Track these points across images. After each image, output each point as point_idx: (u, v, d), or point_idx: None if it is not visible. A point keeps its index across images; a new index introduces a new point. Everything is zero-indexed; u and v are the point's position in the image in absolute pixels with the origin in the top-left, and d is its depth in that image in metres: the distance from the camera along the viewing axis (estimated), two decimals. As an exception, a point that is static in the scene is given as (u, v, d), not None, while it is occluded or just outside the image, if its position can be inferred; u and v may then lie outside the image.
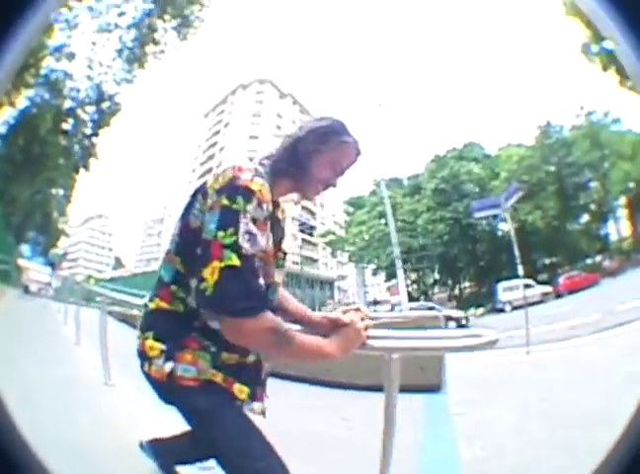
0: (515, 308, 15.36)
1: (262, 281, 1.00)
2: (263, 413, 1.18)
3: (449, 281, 24.74)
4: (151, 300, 1.15)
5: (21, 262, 9.22)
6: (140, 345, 1.12)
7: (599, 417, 2.34)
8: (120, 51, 12.95)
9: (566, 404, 3.04)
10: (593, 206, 20.96)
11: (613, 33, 0.68)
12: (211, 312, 0.99)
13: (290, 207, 1.31)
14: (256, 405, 1.16)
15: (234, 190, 0.99)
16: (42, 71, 12.56)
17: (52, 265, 14.37)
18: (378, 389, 1.47)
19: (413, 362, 4.42)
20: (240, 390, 1.11)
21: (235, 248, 0.95)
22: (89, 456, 1.91)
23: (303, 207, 25.40)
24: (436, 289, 25.00)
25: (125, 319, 6.02)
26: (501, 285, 18.01)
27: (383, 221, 22.31)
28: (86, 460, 1.86)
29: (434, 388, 4.23)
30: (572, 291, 16.49)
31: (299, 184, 1.18)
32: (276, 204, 1.16)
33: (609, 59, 10.73)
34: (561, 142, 20.66)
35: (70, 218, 19.61)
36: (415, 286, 24.39)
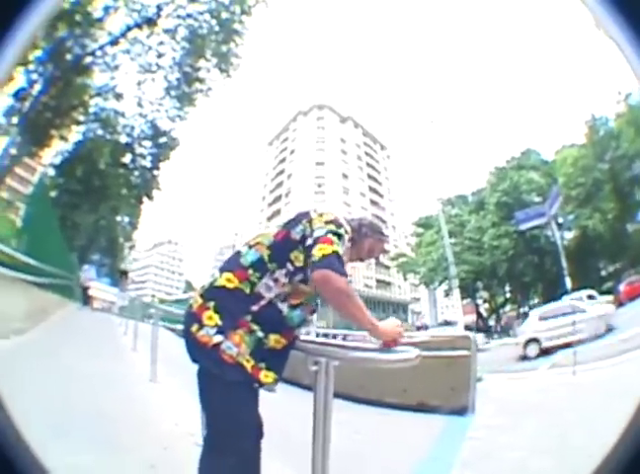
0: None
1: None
2: (275, 382, 1.44)
3: (519, 298, 23.48)
4: (219, 277, 1.45)
5: (86, 280, 10.23)
6: (197, 308, 1.42)
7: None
8: (167, 90, 13.42)
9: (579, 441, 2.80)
10: (649, 201, 18.86)
11: (618, 37, 0.70)
12: (318, 268, 1.33)
13: None
14: (270, 375, 1.42)
15: (339, 225, 1.47)
16: (92, 110, 13.23)
17: (117, 283, 15.70)
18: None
19: (444, 383, 4.40)
20: (266, 375, 1.39)
21: (337, 247, 1.38)
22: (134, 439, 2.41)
23: None
24: (507, 308, 23.82)
25: (176, 330, 6.68)
26: (565, 299, 16.69)
27: (453, 240, 21.92)
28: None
29: (461, 410, 4.16)
30: (633, 298, 14.92)
31: (352, 249, 1.63)
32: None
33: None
34: (609, 134, 18.92)
35: (137, 243, 20.80)
36: (486, 306, 23.52)
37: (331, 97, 29.12)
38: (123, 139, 13.61)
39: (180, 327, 1.56)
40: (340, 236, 1.42)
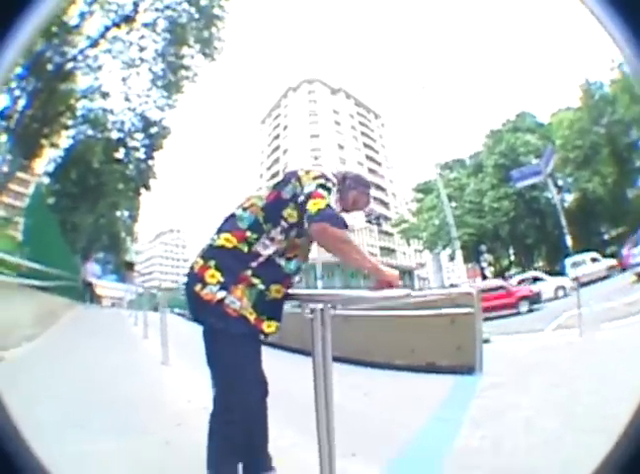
0: (583, 284, 14.18)
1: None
2: (277, 330, 1.54)
3: (524, 261, 23.54)
4: (217, 238, 1.52)
5: (88, 275, 10.21)
6: (199, 269, 1.49)
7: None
8: (153, 81, 13.37)
9: (588, 398, 2.83)
10: (647, 167, 18.75)
11: (618, 39, 0.70)
12: (315, 222, 1.41)
13: None
14: (272, 324, 1.52)
15: (327, 178, 1.53)
16: (79, 112, 13.25)
17: (124, 278, 15.76)
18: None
19: (450, 342, 4.45)
20: (268, 325, 1.49)
21: (328, 199, 1.45)
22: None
23: (375, 199, 25.47)
24: (512, 270, 23.91)
25: (184, 314, 6.79)
26: (568, 261, 16.71)
27: (453, 204, 21.83)
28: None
29: (469, 369, 4.22)
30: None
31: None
32: None
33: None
34: (604, 99, 18.78)
35: (139, 235, 21.00)
36: (491, 269, 23.62)
37: (320, 70, 28.84)
38: (115, 135, 13.63)
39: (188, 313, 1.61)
40: (329, 189, 1.49)
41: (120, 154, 13.74)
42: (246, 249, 1.48)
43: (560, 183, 20.34)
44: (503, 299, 12.12)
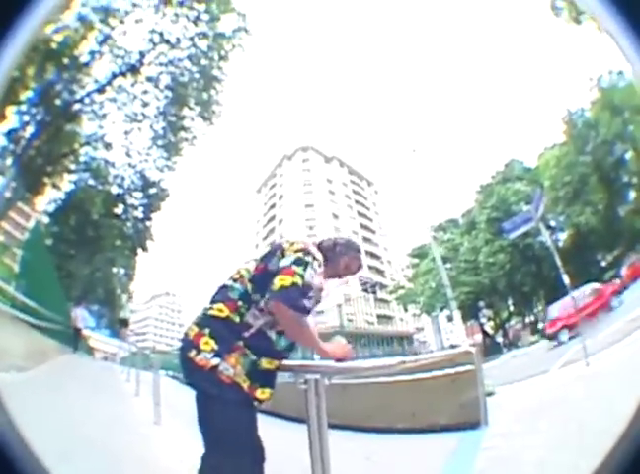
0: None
1: (309, 304, 1.48)
2: (270, 397, 1.57)
3: (523, 310, 23.45)
4: (211, 308, 1.58)
5: (77, 321, 9.83)
6: (193, 336, 1.52)
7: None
8: (154, 140, 13.54)
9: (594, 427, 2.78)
10: (636, 179, 19.06)
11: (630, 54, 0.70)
12: (274, 299, 1.45)
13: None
14: (266, 391, 1.54)
15: (307, 252, 1.57)
16: (82, 158, 13.26)
17: (117, 333, 15.19)
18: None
19: (452, 402, 4.34)
20: (262, 392, 1.52)
21: (302, 276, 1.47)
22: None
23: (370, 267, 25.83)
24: (512, 321, 23.75)
25: (177, 377, 6.58)
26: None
27: (449, 265, 22.07)
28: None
29: (473, 424, 4.09)
30: (636, 279, 14.98)
31: (327, 268, 1.72)
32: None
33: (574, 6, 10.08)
34: (587, 125, 19.28)
35: (134, 294, 20.27)
36: (492, 323, 23.40)
37: (314, 137, 29.85)
38: (115, 190, 13.68)
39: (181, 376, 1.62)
40: (306, 263, 1.53)
41: (118, 210, 13.77)
42: (238, 319, 1.52)
43: (552, 223, 20.70)
44: (597, 302, 11.92)
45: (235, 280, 1.63)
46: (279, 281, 1.45)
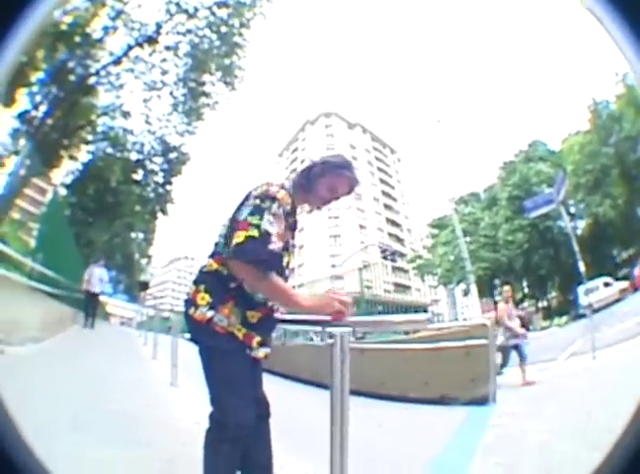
0: (596, 311, 13.97)
1: (274, 249, 1.38)
2: (266, 357, 1.55)
3: (537, 294, 23.21)
4: (205, 265, 1.57)
5: (96, 289, 8.90)
6: (192, 295, 1.53)
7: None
8: (174, 106, 13.45)
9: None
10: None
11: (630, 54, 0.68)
12: (228, 259, 1.41)
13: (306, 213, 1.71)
14: (261, 351, 1.52)
15: (265, 196, 1.45)
16: (99, 128, 13.31)
17: (135, 298, 15.48)
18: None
19: (464, 375, 4.41)
20: (258, 341, 1.50)
21: (257, 226, 1.38)
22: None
23: (390, 235, 25.56)
24: (525, 303, 23.57)
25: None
26: (581, 289, 16.46)
27: (468, 239, 21.74)
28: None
29: (483, 400, 4.16)
30: None
31: (308, 197, 1.63)
32: (294, 211, 1.57)
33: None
34: (611, 117, 18.63)
35: (153, 259, 20.83)
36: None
37: (338, 104, 29.23)
38: (134, 156, 13.71)
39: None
40: (262, 210, 1.42)
41: (138, 176, 13.80)
42: (225, 271, 1.50)
43: (572, 210, 20.21)
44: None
45: (220, 235, 1.59)
46: (234, 239, 1.38)
